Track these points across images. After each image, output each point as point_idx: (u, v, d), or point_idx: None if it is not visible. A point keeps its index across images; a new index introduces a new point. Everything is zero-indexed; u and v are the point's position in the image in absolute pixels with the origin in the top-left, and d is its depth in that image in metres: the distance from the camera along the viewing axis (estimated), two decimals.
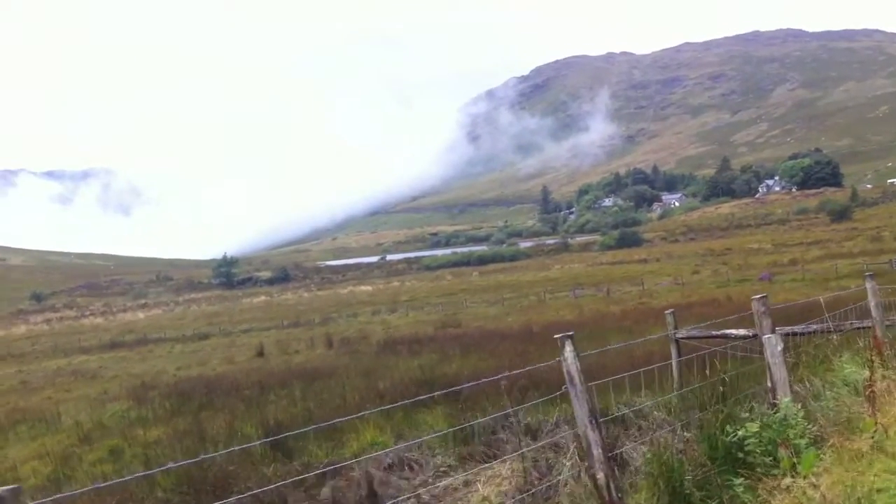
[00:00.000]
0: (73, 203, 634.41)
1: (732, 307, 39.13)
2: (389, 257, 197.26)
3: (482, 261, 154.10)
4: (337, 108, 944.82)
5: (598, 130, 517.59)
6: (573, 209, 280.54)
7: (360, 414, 13.12)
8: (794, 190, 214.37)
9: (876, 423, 7.15)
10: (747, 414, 6.98)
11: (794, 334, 12.53)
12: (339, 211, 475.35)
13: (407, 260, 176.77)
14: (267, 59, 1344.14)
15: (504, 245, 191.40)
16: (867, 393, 7.95)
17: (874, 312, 10.41)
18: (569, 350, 5.54)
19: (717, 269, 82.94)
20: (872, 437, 6.96)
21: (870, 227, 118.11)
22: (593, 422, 5.51)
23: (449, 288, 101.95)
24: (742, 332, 13.64)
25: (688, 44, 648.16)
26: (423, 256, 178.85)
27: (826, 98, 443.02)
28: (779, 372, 7.38)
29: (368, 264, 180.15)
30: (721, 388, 8.54)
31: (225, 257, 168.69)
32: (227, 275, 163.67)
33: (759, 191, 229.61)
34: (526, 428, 10.67)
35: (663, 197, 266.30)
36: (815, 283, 58.15)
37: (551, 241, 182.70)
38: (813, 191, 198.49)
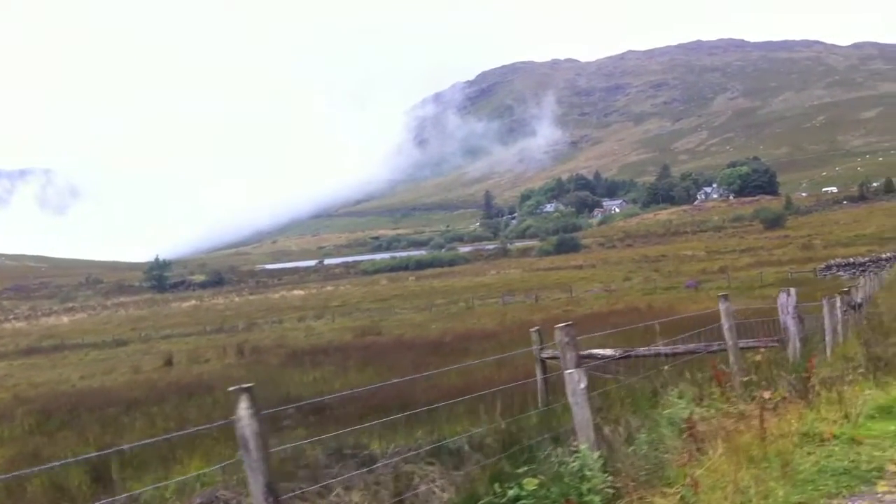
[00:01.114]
0: (8, 203, 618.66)
1: (650, 315, 38.67)
2: (328, 261, 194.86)
3: (420, 265, 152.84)
4: (283, 109, 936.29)
5: (544, 135, 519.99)
6: (515, 214, 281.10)
7: (196, 429, 11.82)
8: (731, 197, 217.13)
9: (686, 475, 6.12)
10: (529, 466, 5.90)
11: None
12: (282, 214, 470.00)
13: (345, 264, 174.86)
14: (214, 58, 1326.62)
15: (444, 250, 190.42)
16: (685, 436, 6.92)
17: (727, 336, 9.44)
18: (244, 407, 4.32)
19: (649, 276, 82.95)
20: (680, 494, 5.93)
21: (801, 235, 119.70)
22: (271, 501, 4.28)
23: (382, 293, 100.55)
24: (608, 352, 12.67)
25: (631, 52, 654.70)
26: (362, 261, 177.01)
27: (765, 108, 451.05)
28: (581, 412, 6.29)
29: (306, 268, 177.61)
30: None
31: (157, 260, 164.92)
32: (160, 278, 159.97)
33: (697, 198, 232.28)
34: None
35: (604, 203, 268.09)
36: (740, 291, 58.01)
37: (491, 247, 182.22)
38: (749, 198, 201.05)
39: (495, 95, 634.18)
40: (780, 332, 11.58)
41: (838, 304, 15.64)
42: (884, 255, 58.81)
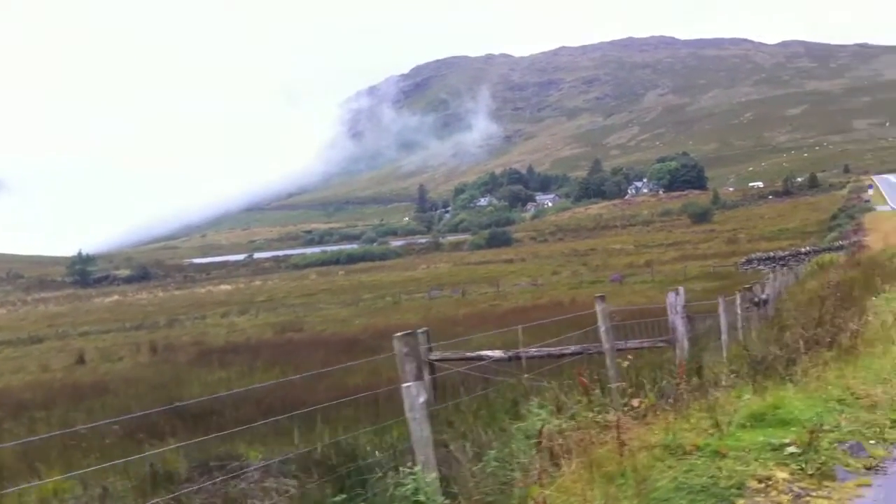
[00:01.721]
0: None
1: (573, 309, 38.54)
2: (258, 255, 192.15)
3: (352, 259, 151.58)
4: (216, 103, 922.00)
5: (479, 129, 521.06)
6: (449, 208, 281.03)
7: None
8: (660, 192, 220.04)
9: (533, 495, 5.62)
10: (357, 491, 5.34)
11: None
12: (213, 207, 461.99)
13: (275, 258, 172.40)
14: (143, 48, 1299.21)
15: (375, 244, 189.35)
16: (537, 452, 6.42)
17: (603, 339, 9.00)
18: None
19: (576, 270, 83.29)
20: None
21: (727, 229, 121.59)
22: None
23: (310, 287, 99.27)
24: (498, 353, 12.14)
25: (564, 48, 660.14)
26: (292, 255, 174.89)
27: (694, 104, 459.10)
28: (419, 429, 5.75)
29: (235, 262, 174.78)
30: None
31: (80, 254, 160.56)
32: (82, 273, 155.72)
33: (628, 192, 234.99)
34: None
35: (537, 197, 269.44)
36: (664, 285, 58.41)
37: (423, 241, 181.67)
38: (678, 193, 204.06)
39: (430, 90, 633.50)
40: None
41: (738, 301, 15.43)
42: (803, 250, 59.83)
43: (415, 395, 5.74)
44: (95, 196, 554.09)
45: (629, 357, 10.10)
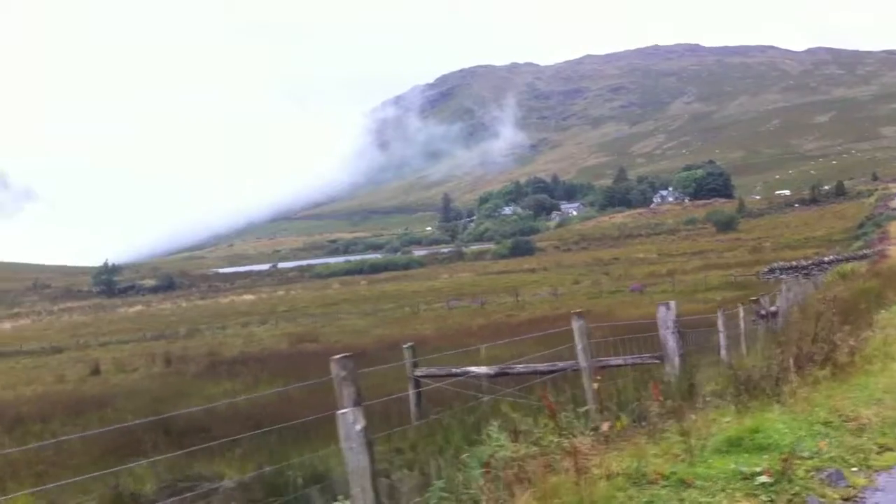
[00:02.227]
0: None
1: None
2: (283, 265, 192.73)
3: (375, 269, 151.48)
4: (242, 112, 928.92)
5: (506, 138, 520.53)
6: (473, 217, 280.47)
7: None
8: (686, 201, 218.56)
9: None
10: None
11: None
12: (240, 217, 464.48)
13: (299, 268, 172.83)
14: (173, 58, 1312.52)
15: (399, 253, 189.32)
16: (482, 483, 6.04)
17: (580, 357, 8.62)
18: None
19: (598, 280, 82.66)
20: None
21: (752, 238, 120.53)
22: None
23: (332, 298, 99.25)
24: (484, 369, 11.81)
25: (590, 56, 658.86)
26: (316, 264, 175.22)
27: (721, 111, 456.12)
28: (356, 459, 5.40)
29: (259, 272, 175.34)
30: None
31: (106, 264, 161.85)
32: (108, 282, 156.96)
33: (653, 201, 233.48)
34: None
35: (562, 206, 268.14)
36: (684, 295, 57.84)
37: (446, 250, 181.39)
38: (703, 201, 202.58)
39: (455, 99, 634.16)
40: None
41: (741, 314, 14.98)
42: (826, 259, 58.89)
43: (351, 422, 5.42)
44: (124, 205, 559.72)
45: (615, 375, 9.73)
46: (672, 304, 10.55)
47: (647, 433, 7.03)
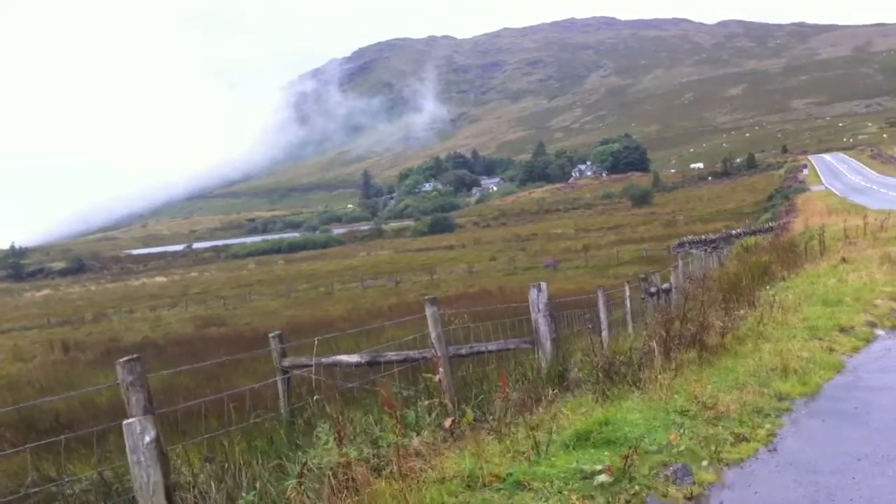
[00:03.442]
0: None
1: (500, 298, 37.90)
2: (198, 245, 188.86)
3: (293, 248, 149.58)
4: (156, 87, 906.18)
5: (428, 111, 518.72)
6: (394, 194, 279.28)
7: None
8: (604, 175, 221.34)
9: None
10: None
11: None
12: (156, 196, 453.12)
13: (215, 248, 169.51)
14: (85, 32, 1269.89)
15: (318, 231, 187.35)
16: (295, 493, 5.54)
17: (436, 347, 8.18)
18: None
19: (514, 256, 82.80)
20: None
21: (666, 212, 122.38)
22: None
23: (246, 279, 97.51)
24: (354, 358, 11.26)
25: (507, 29, 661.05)
26: (233, 244, 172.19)
27: (636, 85, 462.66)
28: (146, 474, 4.84)
29: (174, 253, 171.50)
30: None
31: (12, 247, 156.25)
32: (15, 266, 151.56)
33: (572, 175, 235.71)
34: None
35: (482, 181, 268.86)
36: (597, 270, 58.50)
37: (366, 228, 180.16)
38: (620, 175, 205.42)
39: (373, 72, 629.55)
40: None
41: (627, 292, 14.78)
42: (734, 231, 59.96)
43: (139, 432, 4.86)
44: (34, 185, 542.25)
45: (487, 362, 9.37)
46: (543, 285, 10.16)
47: (493, 429, 6.64)
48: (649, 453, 6.16)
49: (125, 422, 4.89)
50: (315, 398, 6.85)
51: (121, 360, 5.03)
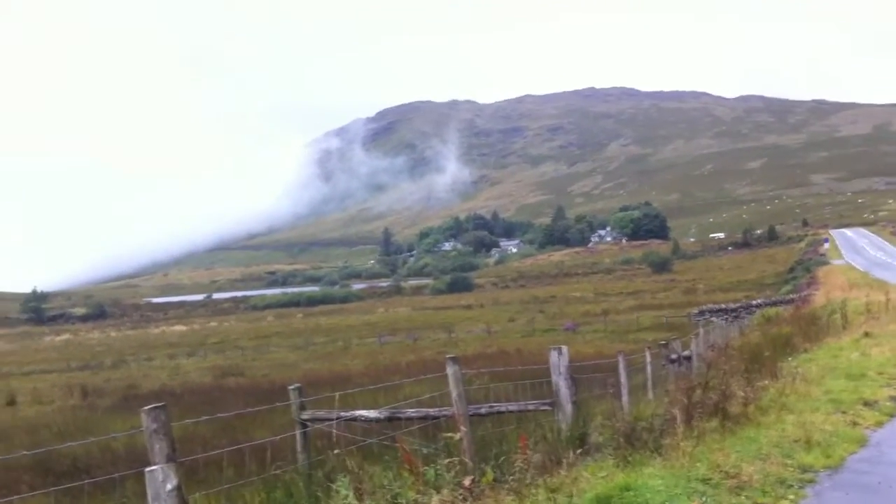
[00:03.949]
0: None
1: (517, 360, 37.74)
2: (217, 296, 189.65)
3: (312, 302, 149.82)
4: (183, 140, 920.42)
5: (450, 172, 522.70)
6: (414, 252, 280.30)
7: None
8: (623, 241, 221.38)
9: None
10: None
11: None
12: (179, 246, 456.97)
13: (234, 299, 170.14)
14: (116, 84, 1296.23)
15: (338, 286, 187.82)
16: None
17: (455, 405, 8.19)
18: None
19: (533, 318, 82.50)
20: None
21: (686, 279, 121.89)
22: None
23: (265, 330, 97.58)
24: (374, 414, 11.26)
25: (529, 96, 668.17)
26: (252, 296, 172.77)
27: (656, 155, 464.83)
28: None
29: (193, 303, 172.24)
30: None
31: (34, 291, 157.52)
32: (37, 310, 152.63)
33: (591, 240, 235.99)
34: None
35: (501, 243, 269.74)
36: (616, 335, 58.14)
37: (385, 284, 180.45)
38: (640, 242, 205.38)
39: (396, 133, 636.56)
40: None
41: (647, 358, 14.72)
42: (754, 302, 59.62)
43: (161, 480, 4.90)
44: (59, 231, 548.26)
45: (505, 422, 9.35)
46: (564, 349, 10.18)
47: (512, 489, 6.61)
48: None
49: (148, 469, 4.93)
50: (336, 452, 6.86)
51: (146, 408, 5.10)
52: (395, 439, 9.47)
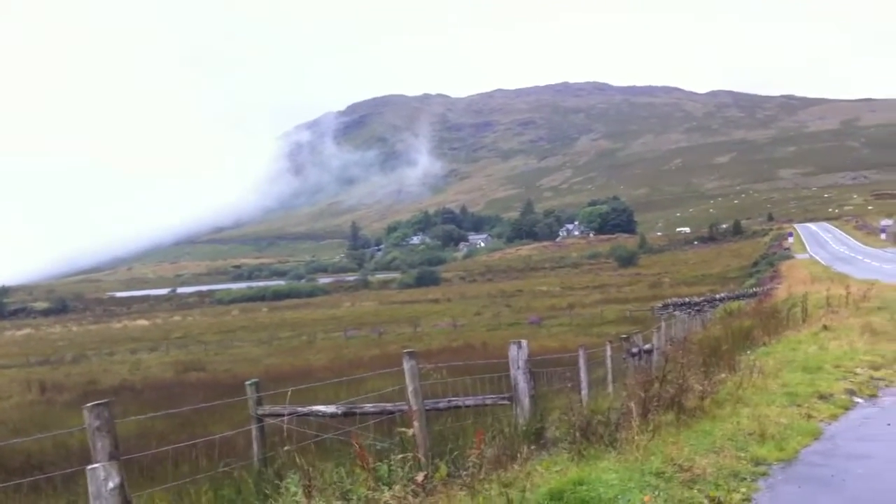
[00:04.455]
0: None
1: (483, 353, 37.76)
2: (182, 290, 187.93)
3: (278, 296, 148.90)
4: (149, 133, 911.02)
5: (423, 165, 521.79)
6: (382, 246, 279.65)
7: None
8: (591, 235, 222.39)
9: None
10: None
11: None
12: (144, 240, 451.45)
13: (199, 293, 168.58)
14: (82, 69, 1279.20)
15: (304, 280, 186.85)
16: None
17: (411, 400, 8.10)
18: None
19: (499, 312, 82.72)
20: None
21: (652, 273, 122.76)
22: None
23: (230, 325, 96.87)
24: (331, 409, 11.16)
25: (500, 90, 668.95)
26: (218, 290, 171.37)
27: (626, 149, 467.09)
28: None
29: (157, 297, 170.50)
30: None
31: None
32: None
33: (559, 234, 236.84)
34: None
35: (470, 237, 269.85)
36: (580, 328, 58.46)
37: (352, 278, 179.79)
38: (607, 236, 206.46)
39: (367, 126, 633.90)
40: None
41: (608, 352, 14.74)
42: (717, 296, 60.18)
43: (102, 478, 4.77)
44: (19, 225, 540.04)
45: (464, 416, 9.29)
46: (524, 343, 10.13)
47: (465, 485, 6.54)
48: None
49: (89, 467, 4.81)
50: (286, 448, 6.75)
51: (88, 405, 4.97)
52: (350, 435, 9.37)
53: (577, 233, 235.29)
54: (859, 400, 10.86)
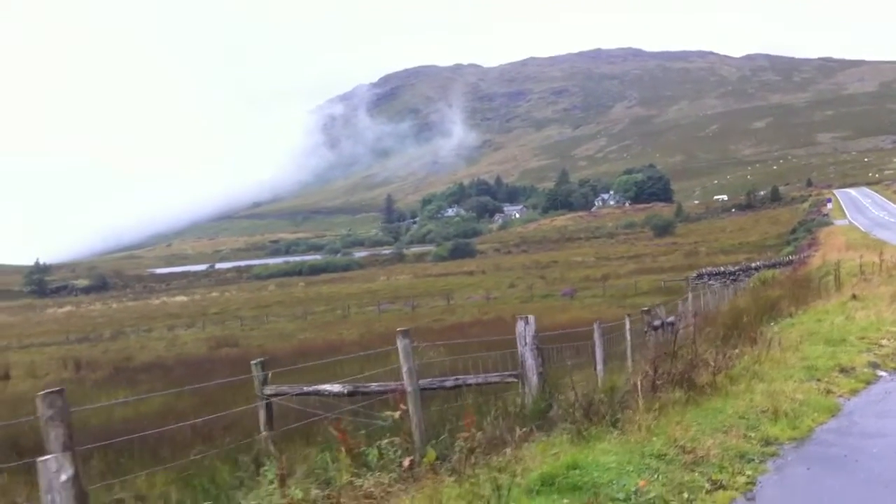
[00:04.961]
0: None
1: (514, 326, 37.55)
2: (220, 266, 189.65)
3: (314, 270, 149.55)
4: (187, 110, 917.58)
5: (457, 135, 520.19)
6: (416, 219, 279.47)
7: None
8: (626, 204, 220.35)
9: None
10: None
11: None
12: (183, 216, 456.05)
13: (237, 269, 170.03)
14: (117, 54, 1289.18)
15: (340, 254, 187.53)
16: None
17: (406, 381, 7.86)
18: None
19: (533, 284, 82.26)
20: None
21: (688, 242, 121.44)
22: None
23: (266, 300, 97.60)
24: (336, 388, 10.98)
25: (533, 59, 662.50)
26: (255, 265, 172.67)
27: (661, 116, 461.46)
28: None
29: (196, 273, 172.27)
30: None
31: (37, 264, 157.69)
32: (40, 282, 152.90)
33: (594, 204, 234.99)
34: None
35: (505, 208, 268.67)
36: (614, 300, 57.90)
37: (387, 252, 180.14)
38: (643, 205, 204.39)
39: (400, 98, 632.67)
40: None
41: (627, 325, 14.41)
42: (753, 264, 59.18)
43: (54, 470, 4.58)
44: (63, 203, 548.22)
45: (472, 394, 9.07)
46: (531, 318, 9.85)
47: (454, 470, 6.30)
48: (616, 501, 5.83)
49: (40, 459, 4.62)
50: (263, 434, 6.55)
51: (41, 393, 4.78)
52: (353, 413, 9.19)
53: (612, 202, 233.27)
54: (882, 373, 10.45)
